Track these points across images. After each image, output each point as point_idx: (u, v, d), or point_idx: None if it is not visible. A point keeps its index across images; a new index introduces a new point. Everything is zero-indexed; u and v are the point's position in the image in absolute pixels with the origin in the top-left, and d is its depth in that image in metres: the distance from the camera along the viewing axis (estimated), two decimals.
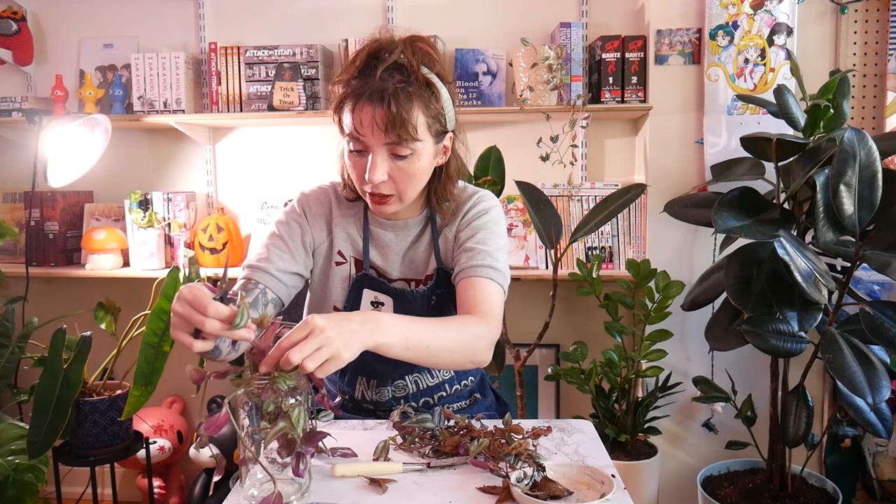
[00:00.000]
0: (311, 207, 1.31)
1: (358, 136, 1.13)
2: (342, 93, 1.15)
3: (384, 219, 1.30)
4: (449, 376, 1.36)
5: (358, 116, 1.11)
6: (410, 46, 1.14)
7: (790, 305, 1.75)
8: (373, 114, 1.10)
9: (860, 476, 2.26)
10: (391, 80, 1.11)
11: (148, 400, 1.85)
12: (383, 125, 1.10)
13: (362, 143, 1.14)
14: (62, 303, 2.58)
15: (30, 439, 1.78)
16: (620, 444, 2.16)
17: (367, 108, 1.10)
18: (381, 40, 1.15)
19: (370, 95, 1.10)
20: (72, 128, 2.20)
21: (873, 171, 1.69)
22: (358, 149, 1.15)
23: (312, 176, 2.54)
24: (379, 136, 1.11)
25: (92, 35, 2.57)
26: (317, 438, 0.93)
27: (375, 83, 1.10)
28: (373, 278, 1.29)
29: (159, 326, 1.84)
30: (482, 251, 1.23)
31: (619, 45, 2.25)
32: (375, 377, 1.33)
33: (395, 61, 1.12)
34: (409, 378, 1.33)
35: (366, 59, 1.13)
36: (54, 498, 1.99)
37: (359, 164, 1.16)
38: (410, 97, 1.11)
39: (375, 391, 1.33)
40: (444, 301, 1.29)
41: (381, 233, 1.30)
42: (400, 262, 1.31)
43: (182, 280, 2.00)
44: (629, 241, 2.32)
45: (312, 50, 2.35)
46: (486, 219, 1.29)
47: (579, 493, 0.96)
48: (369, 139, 1.12)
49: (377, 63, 1.12)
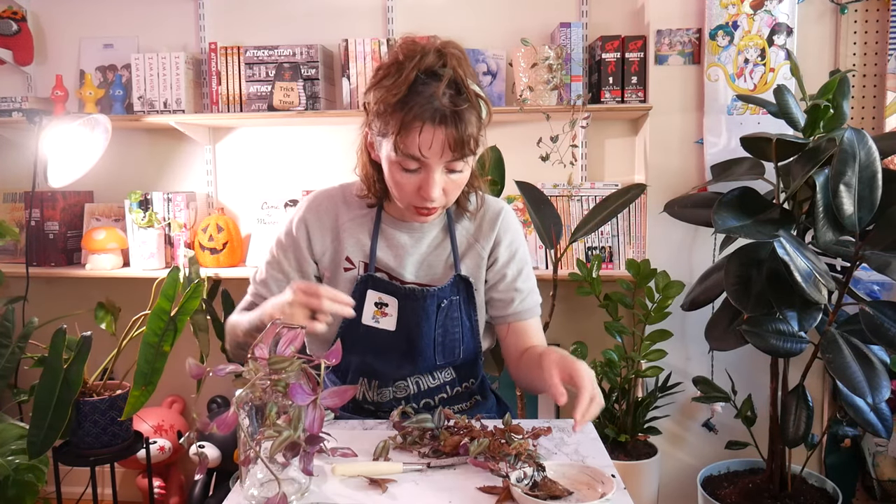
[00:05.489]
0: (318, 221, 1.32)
1: (419, 157, 1.11)
2: (398, 111, 1.10)
3: (398, 218, 1.30)
4: (450, 378, 1.36)
5: (425, 139, 1.09)
6: (456, 59, 1.12)
7: (790, 305, 1.75)
8: (443, 136, 1.09)
9: (860, 476, 2.26)
10: (447, 97, 1.09)
11: (148, 400, 1.85)
12: (451, 146, 1.10)
13: (420, 162, 1.13)
14: (62, 303, 2.58)
15: (30, 439, 1.78)
16: (620, 444, 2.16)
17: (435, 130, 1.09)
18: (424, 50, 1.12)
19: (434, 118, 1.08)
20: (72, 128, 2.20)
21: (873, 171, 1.69)
22: (414, 168, 1.14)
23: (312, 176, 2.55)
24: (446, 155, 1.11)
25: (92, 35, 2.57)
26: (319, 438, 0.93)
27: (437, 104, 1.09)
28: (378, 279, 1.29)
29: (159, 326, 1.84)
30: (531, 290, 1.36)
31: (619, 45, 2.25)
32: (377, 378, 1.33)
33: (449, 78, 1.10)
34: (411, 379, 1.33)
35: (415, 74, 1.10)
36: (54, 498, 1.99)
37: (411, 181, 1.16)
38: (470, 115, 1.11)
39: (377, 392, 1.33)
40: (455, 308, 1.30)
41: (395, 233, 1.30)
42: (416, 266, 1.31)
43: (182, 280, 2.00)
44: (629, 241, 2.32)
45: (312, 50, 2.35)
46: (521, 243, 1.37)
47: (579, 493, 0.96)
48: (433, 160, 1.12)
49: (429, 79, 1.10)
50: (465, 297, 1.30)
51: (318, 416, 0.91)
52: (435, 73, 1.11)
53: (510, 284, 1.33)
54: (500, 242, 1.33)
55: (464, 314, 1.30)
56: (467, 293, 1.31)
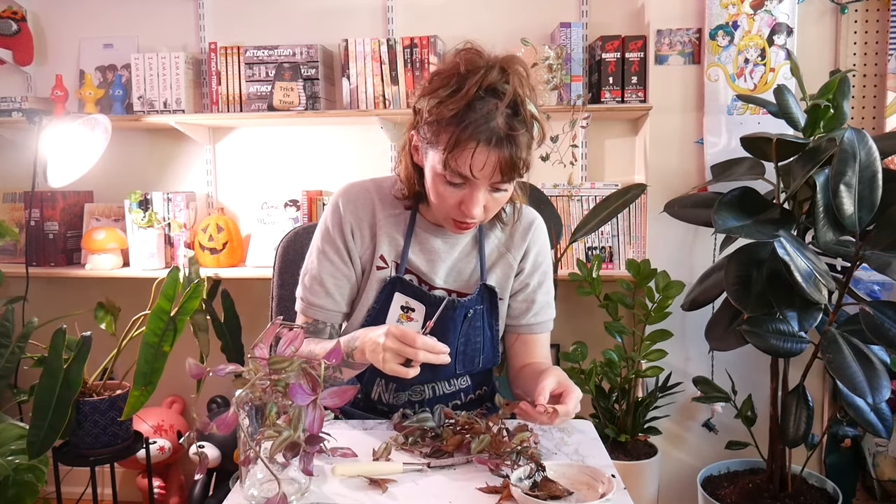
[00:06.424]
0: (356, 214, 1.28)
1: (468, 177, 1.09)
2: (454, 127, 1.07)
3: (432, 221, 1.28)
4: (466, 385, 1.36)
5: (478, 160, 1.07)
6: (518, 77, 1.09)
7: (790, 305, 1.75)
8: (496, 159, 1.07)
9: (860, 476, 2.26)
10: (504, 118, 1.06)
11: (148, 400, 1.85)
12: (501, 169, 1.08)
13: (466, 179, 1.10)
14: (62, 303, 2.57)
15: (30, 439, 1.78)
16: (620, 444, 2.16)
17: (489, 153, 1.06)
18: (488, 65, 1.08)
19: (490, 140, 1.05)
20: (72, 128, 2.20)
21: (873, 171, 1.69)
22: (459, 182, 1.11)
23: (312, 176, 2.55)
24: (495, 176, 1.10)
25: (92, 35, 2.57)
26: (319, 438, 0.93)
27: (493, 125, 1.05)
28: (406, 282, 1.27)
29: (159, 326, 1.85)
30: (548, 304, 1.36)
31: (619, 45, 2.25)
32: (395, 381, 1.31)
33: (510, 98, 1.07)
34: (428, 386, 1.33)
35: (476, 90, 1.06)
36: (54, 498, 1.99)
37: (454, 196, 1.13)
38: (524, 138, 1.09)
39: (393, 395, 1.33)
40: (479, 317, 1.29)
41: (430, 238, 1.28)
42: (447, 271, 1.30)
43: (182, 280, 2.00)
44: (629, 241, 2.32)
45: (312, 50, 2.35)
46: (547, 255, 1.37)
47: (579, 493, 0.96)
48: (481, 180, 1.10)
49: (489, 96, 1.07)
50: (489, 306, 1.30)
51: (318, 416, 0.90)
52: (496, 90, 1.07)
53: (530, 295, 1.33)
54: (529, 253, 1.33)
55: (486, 324, 1.30)
56: (491, 303, 1.30)
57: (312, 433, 0.91)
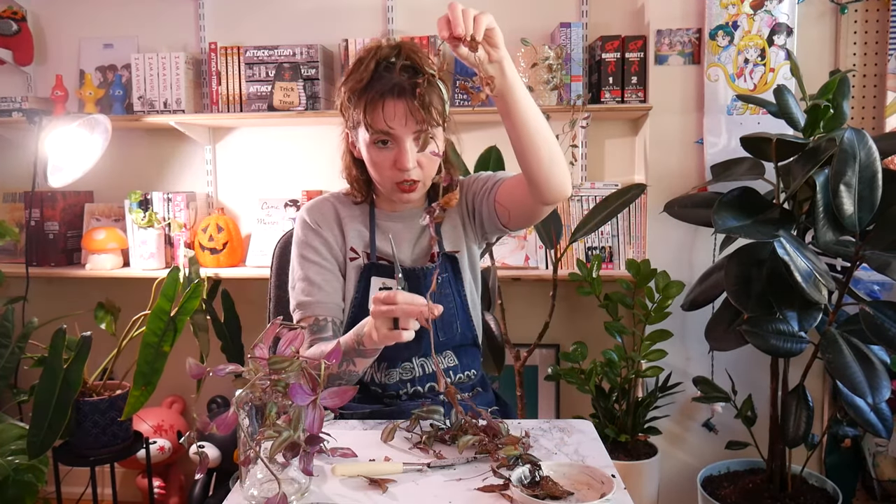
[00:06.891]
0: (322, 217, 1.40)
1: (388, 130, 1.23)
2: (363, 95, 1.23)
3: (389, 211, 1.40)
4: (453, 364, 1.40)
5: (388, 111, 1.21)
6: (409, 48, 1.25)
7: (790, 305, 1.75)
8: (404, 106, 1.21)
9: (860, 476, 2.26)
10: (405, 75, 1.22)
11: (148, 400, 1.85)
12: (414, 115, 1.21)
13: (390, 136, 1.24)
14: (62, 303, 2.58)
15: (30, 439, 1.78)
16: (620, 444, 2.16)
17: (396, 102, 1.21)
18: (383, 47, 1.26)
19: (394, 91, 1.21)
20: (72, 128, 2.20)
21: (873, 171, 1.69)
22: (383, 140, 1.25)
23: (312, 176, 2.55)
24: (410, 125, 1.22)
25: (92, 35, 2.57)
26: (319, 438, 0.93)
27: (395, 80, 1.21)
28: (380, 265, 1.37)
29: (159, 326, 1.85)
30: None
31: (619, 45, 2.25)
32: (385, 360, 1.36)
33: (403, 63, 1.23)
34: (416, 361, 1.37)
35: (374, 63, 1.23)
36: (54, 498, 1.99)
37: (387, 157, 1.26)
38: (430, 88, 1.20)
39: (385, 373, 1.37)
40: (446, 284, 1.38)
41: (390, 224, 1.40)
42: (411, 250, 1.40)
43: (182, 280, 2.00)
44: (629, 241, 2.32)
45: (312, 50, 2.35)
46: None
47: (579, 493, 0.96)
48: (399, 130, 1.23)
49: (388, 65, 1.23)
50: (452, 274, 1.39)
51: (318, 416, 0.91)
52: (392, 62, 1.23)
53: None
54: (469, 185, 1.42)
55: (454, 290, 1.39)
56: (454, 270, 1.39)
57: (312, 433, 0.91)
